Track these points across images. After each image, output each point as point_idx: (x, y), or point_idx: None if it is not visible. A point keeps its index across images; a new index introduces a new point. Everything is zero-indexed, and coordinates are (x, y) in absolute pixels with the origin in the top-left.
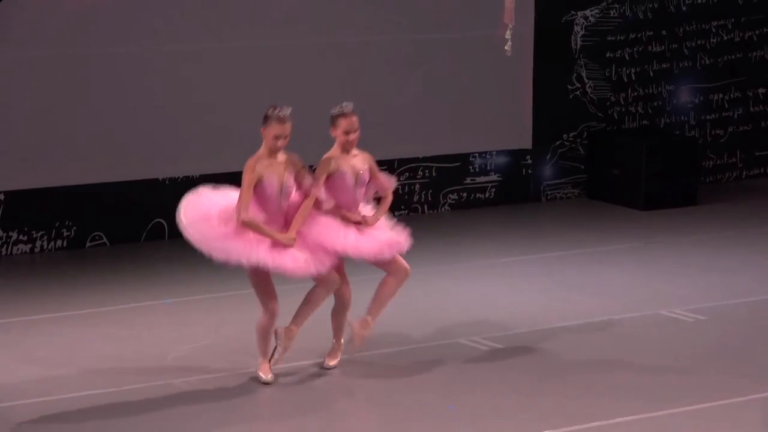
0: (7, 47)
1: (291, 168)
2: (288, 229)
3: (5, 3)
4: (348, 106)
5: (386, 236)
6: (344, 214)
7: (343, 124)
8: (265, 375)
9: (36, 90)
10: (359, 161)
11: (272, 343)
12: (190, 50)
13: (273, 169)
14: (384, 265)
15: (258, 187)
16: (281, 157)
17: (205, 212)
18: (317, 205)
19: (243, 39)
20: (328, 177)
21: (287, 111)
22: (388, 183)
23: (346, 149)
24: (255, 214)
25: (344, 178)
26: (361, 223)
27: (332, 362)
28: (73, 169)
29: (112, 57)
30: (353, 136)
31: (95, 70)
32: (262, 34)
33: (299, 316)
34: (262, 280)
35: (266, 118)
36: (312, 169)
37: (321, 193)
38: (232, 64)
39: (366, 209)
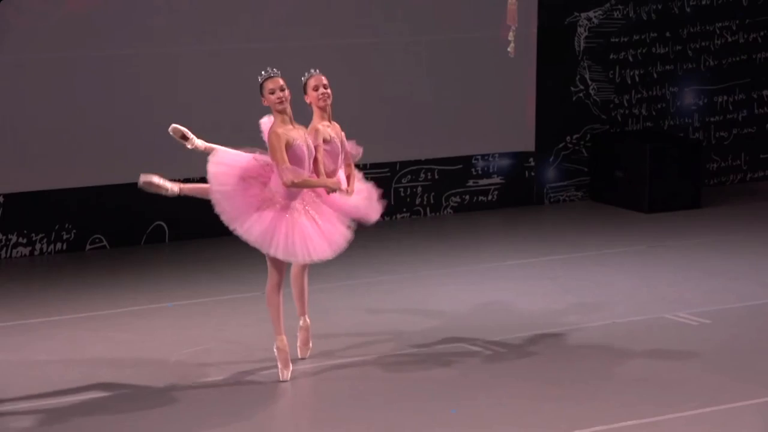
0: (6, 50)
1: (309, 133)
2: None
3: (4, 6)
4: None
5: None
6: (330, 183)
7: (311, 83)
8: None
9: (35, 92)
10: (337, 129)
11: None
12: (189, 52)
13: (296, 133)
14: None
15: (288, 151)
16: (297, 125)
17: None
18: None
19: (244, 41)
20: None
21: (273, 69)
22: (356, 151)
23: (322, 109)
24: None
25: (334, 146)
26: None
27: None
28: (72, 171)
29: (111, 59)
30: (323, 91)
31: (94, 72)
32: (263, 36)
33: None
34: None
35: (260, 88)
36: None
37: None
38: (233, 66)
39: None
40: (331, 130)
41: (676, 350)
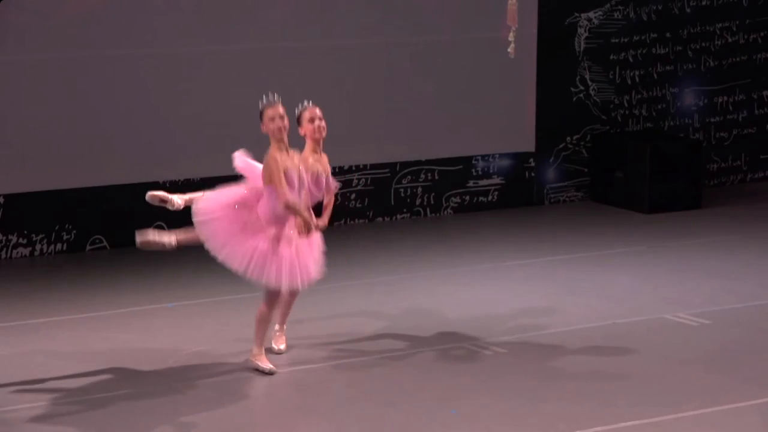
0: (7, 50)
1: (302, 163)
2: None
3: (5, 6)
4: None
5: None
6: (313, 225)
7: (306, 115)
8: (266, 365)
9: (36, 93)
10: (324, 163)
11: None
12: (191, 53)
13: (290, 162)
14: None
15: None
16: (292, 152)
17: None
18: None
19: (245, 42)
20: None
21: (274, 96)
22: (334, 185)
23: (316, 141)
24: (275, 204)
25: (319, 181)
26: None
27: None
28: (73, 172)
29: (113, 60)
30: (319, 124)
31: (95, 73)
32: (263, 37)
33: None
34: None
35: (260, 114)
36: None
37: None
38: (233, 67)
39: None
40: (319, 165)
41: (677, 351)
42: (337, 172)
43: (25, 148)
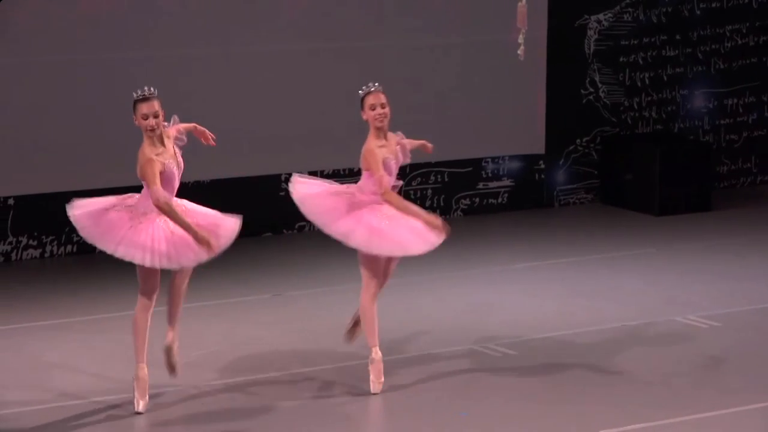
0: (19, 52)
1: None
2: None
3: (16, 8)
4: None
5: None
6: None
7: (369, 100)
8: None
9: (45, 96)
10: (392, 145)
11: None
12: (200, 54)
13: (386, 150)
14: None
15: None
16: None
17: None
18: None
19: (251, 44)
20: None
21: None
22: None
23: (379, 128)
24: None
25: (389, 165)
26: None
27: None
28: (83, 174)
29: (123, 62)
30: (380, 111)
31: (104, 75)
32: (270, 39)
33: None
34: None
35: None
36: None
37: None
38: (240, 69)
39: None
40: (386, 150)
41: (686, 353)
42: (346, 173)
43: (34, 151)
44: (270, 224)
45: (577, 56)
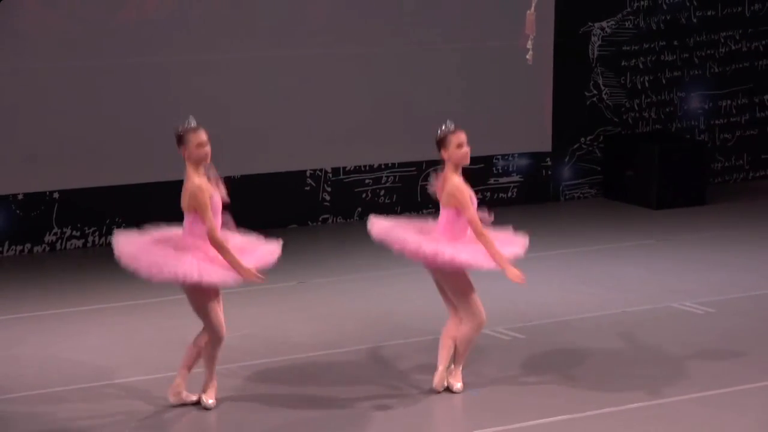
0: (63, 55)
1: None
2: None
3: (31, 15)
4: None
5: None
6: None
7: (453, 140)
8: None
9: (87, 97)
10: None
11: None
12: (213, 59)
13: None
14: None
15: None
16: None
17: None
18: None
19: (259, 49)
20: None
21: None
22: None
23: (458, 165)
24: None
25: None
26: None
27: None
28: (123, 169)
29: (160, 66)
30: (466, 150)
31: (141, 77)
32: (283, 44)
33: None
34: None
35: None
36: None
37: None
38: (250, 72)
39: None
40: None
41: (683, 337)
42: (367, 170)
43: (79, 148)
44: (296, 216)
45: (582, 61)
